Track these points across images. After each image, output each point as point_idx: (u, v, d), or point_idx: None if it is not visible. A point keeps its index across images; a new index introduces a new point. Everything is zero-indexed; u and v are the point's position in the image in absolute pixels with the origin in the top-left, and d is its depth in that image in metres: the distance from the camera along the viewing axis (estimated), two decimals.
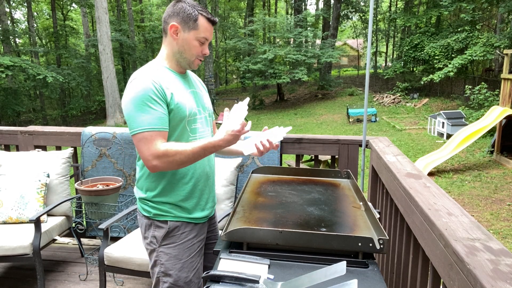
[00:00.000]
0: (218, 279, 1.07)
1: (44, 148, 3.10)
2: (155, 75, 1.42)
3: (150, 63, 1.52)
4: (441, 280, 1.16)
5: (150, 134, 1.36)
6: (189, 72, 1.65)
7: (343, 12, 24.84)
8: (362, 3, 25.85)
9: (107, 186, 2.71)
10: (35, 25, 26.95)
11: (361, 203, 1.59)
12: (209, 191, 1.64)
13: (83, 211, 2.94)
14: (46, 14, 29.20)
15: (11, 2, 23.09)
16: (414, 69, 22.00)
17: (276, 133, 1.52)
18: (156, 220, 1.54)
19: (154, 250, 1.55)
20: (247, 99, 1.50)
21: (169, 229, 1.52)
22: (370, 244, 1.18)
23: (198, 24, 1.43)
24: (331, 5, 22.75)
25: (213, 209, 1.71)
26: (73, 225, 2.90)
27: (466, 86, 14.25)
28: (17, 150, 3.11)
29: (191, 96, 1.54)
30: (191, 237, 1.57)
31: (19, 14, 30.00)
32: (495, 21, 19.21)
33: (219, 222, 2.27)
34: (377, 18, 27.44)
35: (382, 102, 18.53)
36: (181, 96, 1.47)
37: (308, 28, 22.28)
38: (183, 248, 1.54)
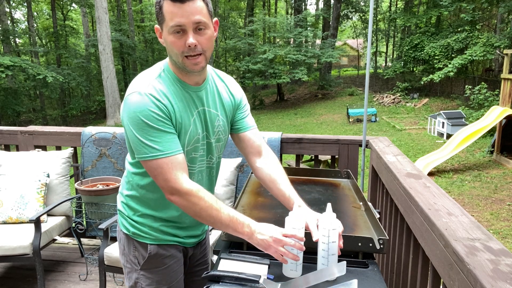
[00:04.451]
0: (218, 279, 1.07)
1: (44, 148, 3.10)
2: (156, 90, 1.15)
3: (158, 68, 1.22)
4: (441, 280, 1.17)
5: (166, 160, 1.13)
6: (212, 81, 1.30)
7: (343, 12, 24.84)
8: (362, 3, 25.84)
9: (107, 186, 2.71)
10: (35, 25, 26.95)
11: (361, 203, 1.59)
12: None
13: (83, 211, 2.94)
14: (46, 14, 29.19)
15: (11, 2, 23.09)
16: (414, 69, 22.00)
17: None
18: (135, 240, 1.33)
19: (134, 271, 1.34)
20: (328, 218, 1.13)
21: (150, 253, 1.31)
22: (370, 244, 1.18)
23: (163, 14, 1.09)
24: (331, 5, 22.75)
25: (204, 233, 1.50)
26: (73, 225, 2.90)
27: (466, 86, 14.26)
28: (17, 150, 3.11)
29: (197, 120, 1.23)
30: (177, 259, 1.36)
31: (19, 14, 30.02)
32: (495, 21, 19.21)
33: None
34: (377, 18, 27.43)
35: (382, 102, 18.53)
36: (185, 119, 1.20)
37: (308, 28, 22.30)
38: (168, 273, 1.34)
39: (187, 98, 1.21)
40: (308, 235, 1.18)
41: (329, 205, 1.13)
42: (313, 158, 7.14)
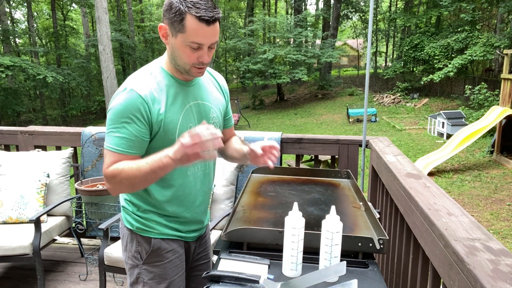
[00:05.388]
0: (218, 279, 1.07)
1: (44, 148, 3.10)
2: (143, 85, 1.20)
3: (152, 65, 1.29)
4: (441, 280, 1.17)
5: (111, 154, 1.20)
6: (204, 76, 1.38)
7: (343, 12, 24.84)
8: (362, 3, 25.85)
9: None
10: (35, 25, 26.94)
11: (361, 203, 1.59)
12: (202, 211, 1.45)
13: (83, 211, 2.94)
14: (46, 14, 29.20)
15: (11, 2, 23.08)
16: (414, 69, 22.00)
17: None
18: (139, 235, 1.36)
19: (136, 266, 1.38)
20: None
21: (153, 247, 1.35)
22: (370, 244, 1.18)
23: (184, 26, 1.13)
24: (331, 5, 22.75)
25: (204, 228, 1.53)
26: (73, 225, 2.90)
27: (466, 86, 14.26)
28: (17, 150, 3.11)
29: (189, 112, 1.29)
30: (179, 255, 1.41)
31: (19, 14, 30.02)
32: (495, 21, 19.21)
33: (219, 222, 2.28)
34: (377, 18, 27.43)
35: (382, 102, 18.54)
36: (173, 114, 1.24)
37: (308, 28, 22.30)
38: (170, 266, 1.38)
39: (179, 93, 1.27)
40: (310, 236, 1.18)
41: (333, 207, 1.13)
42: (313, 158, 7.14)
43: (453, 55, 16.29)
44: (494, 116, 9.03)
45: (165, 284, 1.37)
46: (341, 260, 1.11)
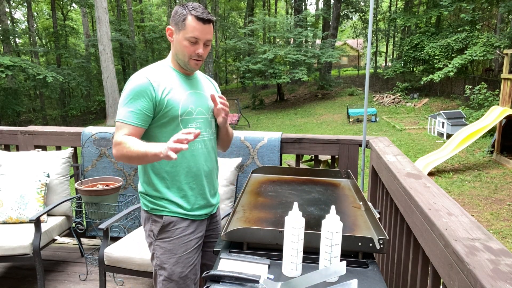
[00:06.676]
0: (218, 279, 1.07)
1: (44, 148, 3.10)
2: (152, 72, 1.50)
3: (159, 62, 1.60)
4: (441, 280, 1.16)
5: (120, 124, 1.47)
6: (200, 75, 1.69)
7: (343, 12, 24.83)
8: (362, 3, 25.84)
9: (107, 186, 2.71)
10: (35, 25, 26.93)
11: (361, 203, 1.59)
12: (209, 189, 1.65)
13: (83, 211, 2.94)
14: (46, 14, 29.19)
15: (11, 2, 23.08)
16: (414, 69, 21.99)
17: None
18: (153, 215, 1.59)
19: (151, 243, 1.61)
20: None
21: (164, 223, 1.56)
22: (370, 244, 1.18)
23: (185, 24, 1.45)
24: (331, 5, 22.74)
25: (214, 207, 1.71)
26: (73, 225, 2.90)
27: (466, 86, 14.25)
28: (17, 150, 3.11)
29: (190, 97, 1.56)
30: (188, 233, 1.59)
31: (19, 14, 30.03)
32: (495, 21, 19.21)
33: None
34: (377, 18, 27.42)
35: (382, 102, 18.53)
36: (176, 95, 1.51)
37: (308, 28, 22.28)
38: (178, 243, 1.57)
39: (182, 83, 1.56)
40: (310, 236, 1.18)
41: (333, 207, 1.13)
42: (313, 158, 7.15)
43: (453, 55, 16.28)
44: (494, 116, 9.03)
45: (174, 259, 1.56)
46: (341, 260, 1.11)
